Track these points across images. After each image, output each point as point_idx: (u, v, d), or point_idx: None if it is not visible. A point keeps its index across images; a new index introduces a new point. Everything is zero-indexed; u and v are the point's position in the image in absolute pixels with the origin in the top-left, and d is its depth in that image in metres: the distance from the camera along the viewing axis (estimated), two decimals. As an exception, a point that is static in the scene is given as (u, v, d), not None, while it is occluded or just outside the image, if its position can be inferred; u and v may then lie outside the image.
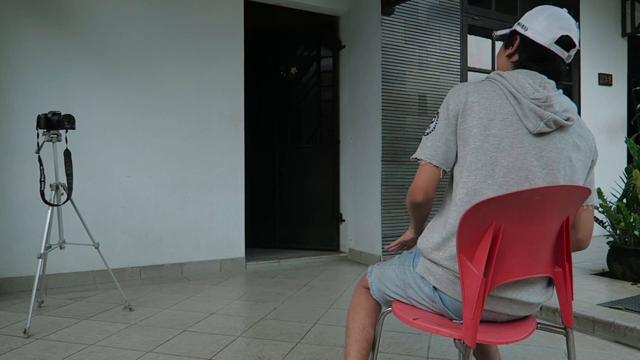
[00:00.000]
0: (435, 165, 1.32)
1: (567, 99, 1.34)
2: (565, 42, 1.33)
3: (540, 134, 1.26)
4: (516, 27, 1.41)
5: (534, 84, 1.29)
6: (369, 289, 1.56)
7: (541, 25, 1.34)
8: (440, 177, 1.35)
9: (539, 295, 1.27)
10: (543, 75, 1.32)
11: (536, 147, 1.25)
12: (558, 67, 1.36)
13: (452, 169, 1.34)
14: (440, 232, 1.30)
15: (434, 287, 1.30)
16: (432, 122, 1.37)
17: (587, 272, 3.52)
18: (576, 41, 1.36)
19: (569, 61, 1.38)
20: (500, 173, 1.24)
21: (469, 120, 1.28)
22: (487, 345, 1.61)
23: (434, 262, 1.29)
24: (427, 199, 1.37)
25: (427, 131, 1.37)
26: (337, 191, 4.76)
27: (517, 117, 1.26)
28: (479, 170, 1.25)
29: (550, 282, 1.31)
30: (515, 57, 1.39)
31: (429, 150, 1.33)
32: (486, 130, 1.26)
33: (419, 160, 1.37)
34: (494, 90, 1.30)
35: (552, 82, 1.33)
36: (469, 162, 1.27)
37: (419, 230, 1.50)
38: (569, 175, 1.28)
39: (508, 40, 1.44)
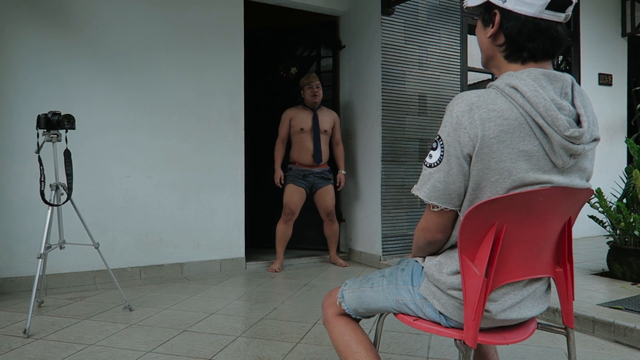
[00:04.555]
0: (451, 209, 1.15)
1: (588, 102, 1.12)
2: (558, 3, 1.05)
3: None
4: None
5: (557, 97, 1.05)
6: (344, 314, 1.44)
7: None
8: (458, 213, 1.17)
9: (541, 306, 1.24)
10: (558, 73, 1.08)
11: (560, 179, 1.09)
12: (555, 35, 1.08)
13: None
14: (451, 266, 1.20)
15: (438, 311, 1.24)
16: (436, 149, 1.11)
17: (587, 272, 3.53)
18: None
19: (568, 20, 1.09)
20: None
21: (486, 162, 1.05)
22: (486, 345, 1.61)
23: (441, 290, 1.21)
24: (448, 236, 1.20)
25: (431, 161, 1.12)
26: (336, 191, 4.75)
27: (543, 152, 1.05)
28: None
29: (548, 287, 1.28)
30: (501, 39, 1.13)
31: (441, 194, 1.11)
32: (510, 175, 1.06)
33: (428, 203, 1.15)
34: (515, 119, 1.04)
35: (569, 80, 1.09)
36: None
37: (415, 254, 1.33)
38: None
39: (485, 15, 1.15)
